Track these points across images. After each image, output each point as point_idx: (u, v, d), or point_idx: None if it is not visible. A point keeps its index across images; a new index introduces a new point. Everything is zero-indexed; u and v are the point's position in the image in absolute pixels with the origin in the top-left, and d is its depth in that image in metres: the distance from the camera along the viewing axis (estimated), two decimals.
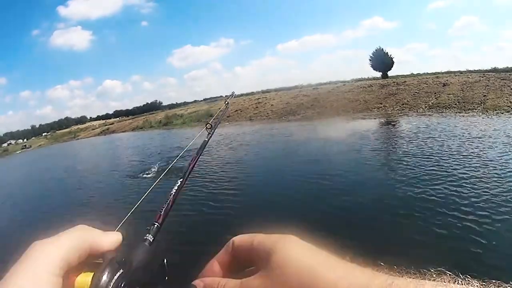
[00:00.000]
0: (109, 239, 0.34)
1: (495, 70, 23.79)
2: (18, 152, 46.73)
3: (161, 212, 0.51)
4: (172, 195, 0.56)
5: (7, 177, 20.96)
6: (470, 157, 6.72)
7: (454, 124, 11.20)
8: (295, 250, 0.31)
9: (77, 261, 0.31)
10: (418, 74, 26.78)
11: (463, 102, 15.19)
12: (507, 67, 23.18)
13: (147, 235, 0.42)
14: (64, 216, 7.04)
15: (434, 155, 7.21)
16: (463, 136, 8.86)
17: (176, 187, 0.59)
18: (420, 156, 7.27)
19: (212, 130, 1.05)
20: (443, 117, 13.22)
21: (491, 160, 6.31)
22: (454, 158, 6.73)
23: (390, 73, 28.16)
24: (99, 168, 14.13)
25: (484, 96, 15.35)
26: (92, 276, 0.30)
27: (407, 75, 26.88)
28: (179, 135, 22.41)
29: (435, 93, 17.99)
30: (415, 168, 6.38)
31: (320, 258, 0.30)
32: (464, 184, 5.18)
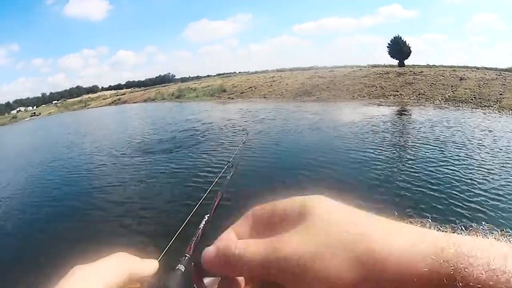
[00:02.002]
0: (147, 267, 0.36)
1: (511, 70, 23.89)
2: (27, 119, 46.59)
3: (191, 244, 0.55)
4: (200, 229, 0.61)
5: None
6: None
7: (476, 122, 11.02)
8: (332, 207, 0.30)
9: (116, 287, 0.32)
10: (434, 66, 26.85)
11: (480, 98, 15.41)
12: None
13: (179, 265, 0.45)
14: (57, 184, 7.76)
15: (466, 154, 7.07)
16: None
17: (204, 222, 0.64)
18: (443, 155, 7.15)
19: (234, 168, 1.08)
20: (461, 111, 13.52)
21: None
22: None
23: (406, 62, 28.20)
24: (108, 138, 14.27)
25: (500, 94, 15.52)
26: None
27: (423, 65, 26.95)
28: (192, 108, 22.64)
29: (451, 86, 18.19)
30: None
31: (361, 213, 0.29)
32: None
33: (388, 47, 29.31)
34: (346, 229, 0.27)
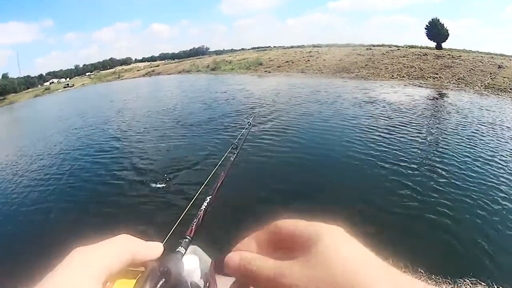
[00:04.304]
0: (152, 250, 0.36)
1: None
2: (60, 90, 46.67)
3: (192, 226, 0.57)
4: (202, 211, 0.63)
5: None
6: None
7: None
8: (340, 241, 0.29)
9: (118, 269, 0.32)
10: (471, 51, 26.98)
11: None
12: None
13: (180, 247, 0.47)
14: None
15: None
16: None
17: (205, 203, 0.65)
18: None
19: (237, 151, 1.10)
20: (501, 100, 14.06)
21: None
22: None
23: (443, 45, 28.34)
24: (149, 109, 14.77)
25: None
26: (132, 284, 0.32)
27: (460, 49, 27.14)
28: (230, 81, 23.06)
29: (490, 73, 18.65)
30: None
31: (366, 255, 0.28)
32: None
33: (426, 29, 29.31)
34: (342, 272, 0.26)
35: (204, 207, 0.65)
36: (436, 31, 28.46)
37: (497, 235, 3.70)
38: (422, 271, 0.28)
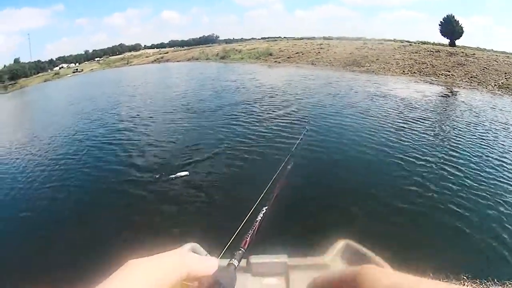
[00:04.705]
0: (207, 265, 0.36)
1: None
2: (69, 75, 46.16)
3: (247, 238, 0.57)
4: (257, 222, 0.62)
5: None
6: None
7: None
8: (382, 279, 0.28)
9: (173, 284, 0.31)
10: (485, 49, 26.42)
11: None
12: None
13: (233, 259, 0.48)
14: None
15: None
16: None
17: (261, 215, 0.65)
18: None
19: (292, 161, 1.10)
20: None
21: None
22: None
23: (457, 43, 27.75)
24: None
25: None
26: None
27: (474, 47, 26.55)
28: (240, 70, 22.91)
29: (505, 73, 18.24)
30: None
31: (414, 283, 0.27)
32: None
33: (440, 25, 28.72)
34: None
35: (260, 218, 0.64)
36: (451, 28, 27.86)
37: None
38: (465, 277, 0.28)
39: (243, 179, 5.23)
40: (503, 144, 7.11)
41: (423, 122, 8.60)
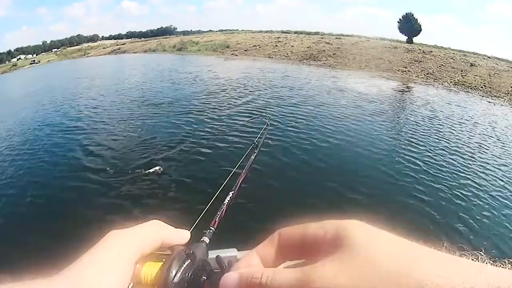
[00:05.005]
0: (180, 236, 0.37)
1: None
2: (26, 67, 44.47)
3: (216, 218, 0.58)
4: (225, 204, 0.65)
5: None
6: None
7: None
8: (372, 234, 0.26)
9: (149, 252, 0.33)
10: (443, 47, 26.34)
11: (489, 88, 15.15)
12: None
13: (204, 237, 0.48)
14: None
15: None
16: None
17: (228, 198, 0.68)
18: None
19: (257, 150, 1.12)
20: (471, 97, 13.32)
21: None
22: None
23: (415, 40, 27.54)
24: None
25: (511, 87, 15.25)
26: (158, 266, 0.32)
27: (432, 45, 26.39)
28: (196, 62, 21.52)
29: (461, 71, 17.87)
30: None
31: (406, 242, 0.25)
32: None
33: (398, 22, 28.39)
34: (391, 261, 0.23)
35: (227, 201, 0.66)
36: (409, 25, 27.57)
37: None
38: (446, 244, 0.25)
39: (207, 169, 5.00)
40: (458, 135, 7.25)
41: (379, 115, 8.37)
